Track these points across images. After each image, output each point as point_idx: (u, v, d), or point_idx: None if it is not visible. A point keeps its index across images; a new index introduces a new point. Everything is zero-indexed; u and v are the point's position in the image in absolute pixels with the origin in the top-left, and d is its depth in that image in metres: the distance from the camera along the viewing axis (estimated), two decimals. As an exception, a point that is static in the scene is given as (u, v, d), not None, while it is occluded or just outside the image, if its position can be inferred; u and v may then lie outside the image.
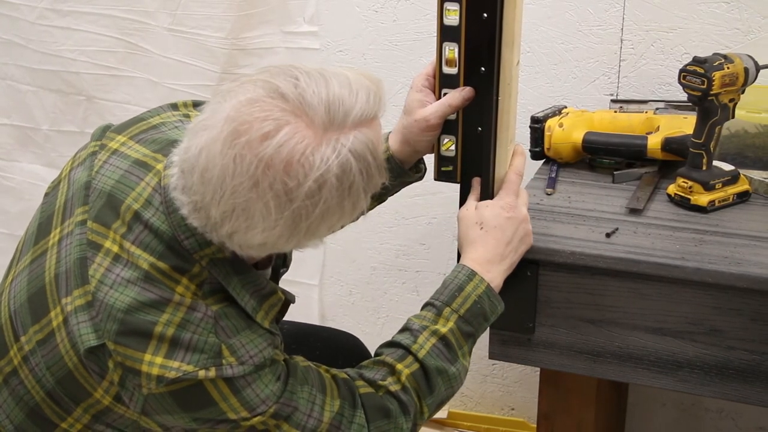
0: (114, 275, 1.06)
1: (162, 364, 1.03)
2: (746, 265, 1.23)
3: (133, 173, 1.11)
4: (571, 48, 1.85)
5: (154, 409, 1.06)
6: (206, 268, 1.07)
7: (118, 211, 1.08)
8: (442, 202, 2.05)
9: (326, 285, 2.24)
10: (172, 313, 1.04)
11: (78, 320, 1.06)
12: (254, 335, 1.08)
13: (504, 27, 1.22)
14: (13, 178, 2.39)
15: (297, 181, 0.97)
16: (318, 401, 1.12)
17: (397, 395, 1.18)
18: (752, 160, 1.51)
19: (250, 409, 1.06)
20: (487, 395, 2.22)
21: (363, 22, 1.98)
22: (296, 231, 1.00)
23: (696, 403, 1.99)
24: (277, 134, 0.97)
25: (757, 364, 1.26)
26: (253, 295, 1.10)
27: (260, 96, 0.99)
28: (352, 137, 1.00)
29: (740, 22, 1.71)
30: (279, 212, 0.98)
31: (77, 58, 2.20)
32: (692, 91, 1.34)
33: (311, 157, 0.97)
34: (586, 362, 1.34)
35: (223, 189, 0.98)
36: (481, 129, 1.28)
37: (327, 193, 0.99)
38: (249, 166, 0.96)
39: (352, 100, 1.01)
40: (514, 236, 1.26)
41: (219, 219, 1.00)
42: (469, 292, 1.23)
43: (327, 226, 1.03)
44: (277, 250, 1.05)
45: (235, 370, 1.05)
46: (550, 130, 1.59)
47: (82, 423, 1.11)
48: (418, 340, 1.21)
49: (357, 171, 1.00)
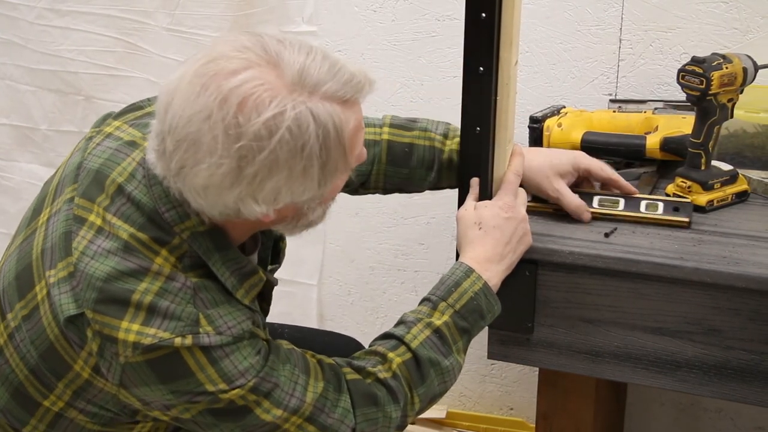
0: (95, 246, 1.06)
1: (138, 331, 1.03)
2: (745, 265, 1.23)
3: (121, 151, 1.13)
4: (570, 48, 1.85)
5: (131, 380, 1.06)
6: (186, 241, 1.07)
7: (104, 185, 1.10)
8: (441, 201, 2.05)
9: (325, 285, 2.24)
10: (151, 282, 1.05)
11: (60, 291, 1.07)
12: (233, 309, 1.09)
13: (502, 27, 1.22)
14: (12, 177, 2.39)
15: (248, 119, 0.97)
16: (301, 381, 1.12)
17: (386, 382, 1.18)
18: (751, 160, 1.51)
19: (229, 381, 1.06)
20: (485, 395, 2.22)
21: (362, 22, 1.98)
22: (240, 177, 0.99)
23: (695, 403, 2.00)
24: (243, 72, 0.98)
25: (755, 363, 1.26)
26: (233, 273, 1.10)
27: (242, 41, 1.01)
28: (318, 103, 1.00)
29: (739, 22, 1.72)
30: (225, 149, 0.98)
31: (76, 57, 2.20)
32: (691, 91, 1.34)
33: (268, 100, 0.97)
34: (584, 362, 1.34)
35: (181, 116, 0.99)
36: (479, 129, 1.28)
37: (276, 144, 0.98)
38: (209, 98, 0.97)
39: (329, 75, 1.01)
40: (512, 236, 1.26)
41: (172, 150, 1.00)
42: (465, 288, 1.23)
43: (273, 186, 1.01)
44: (223, 199, 1.02)
45: (212, 339, 1.05)
46: (549, 130, 1.59)
47: (64, 400, 1.12)
48: (412, 331, 1.21)
49: (314, 135, 0.99)
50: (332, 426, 1.14)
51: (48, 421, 1.14)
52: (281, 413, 1.10)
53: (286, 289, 2.24)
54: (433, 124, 1.42)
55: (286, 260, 2.21)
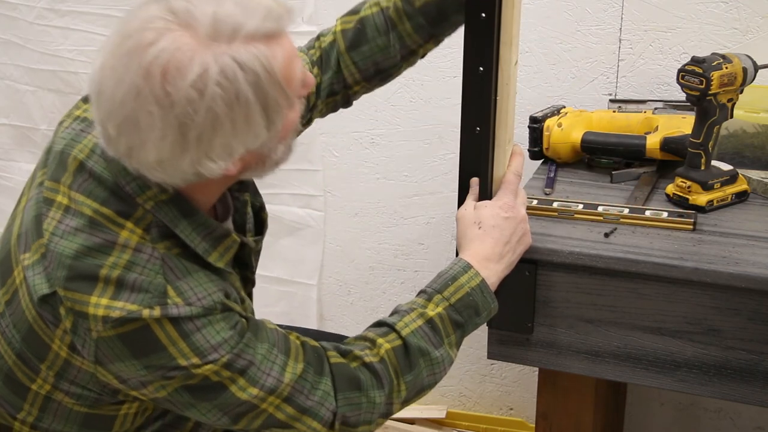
0: (64, 226, 1.08)
1: (107, 305, 1.04)
2: (744, 265, 1.23)
3: (84, 130, 1.14)
4: (570, 48, 1.85)
5: (105, 355, 1.06)
6: (150, 211, 1.08)
7: (66, 164, 1.11)
8: (441, 202, 2.05)
9: (325, 285, 2.24)
10: (118, 256, 1.05)
11: (34, 272, 1.08)
12: (204, 279, 1.09)
13: (502, 27, 1.22)
14: (11, 178, 2.39)
15: (175, 86, 0.97)
16: (278, 361, 1.12)
17: (371, 367, 1.18)
18: (750, 160, 1.51)
19: (201, 355, 1.06)
20: (485, 395, 2.22)
21: (361, 22, 1.98)
22: (187, 143, 0.99)
23: (694, 403, 2.00)
24: (158, 42, 0.97)
25: (755, 363, 1.26)
26: (204, 238, 1.10)
27: (150, 11, 1.00)
28: (241, 49, 0.99)
29: (738, 22, 1.72)
30: (163, 121, 0.98)
31: (75, 57, 2.20)
32: (691, 91, 1.34)
33: (188, 63, 0.97)
34: (584, 362, 1.34)
35: (113, 100, 0.99)
36: (479, 129, 1.27)
37: (210, 101, 0.97)
38: (133, 75, 0.97)
39: (244, 17, 1.00)
40: (512, 236, 1.26)
41: (115, 135, 1.00)
42: (462, 283, 1.22)
43: (222, 142, 1.01)
44: (179, 168, 1.02)
45: (182, 310, 1.05)
46: (549, 130, 1.59)
47: (49, 383, 1.13)
48: (404, 320, 1.21)
49: (244, 81, 0.99)
50: (311, 408, 1.13)
51: (39, 405, 1.15)
52: (257, 392, 1.10)
53: (286, 289, 2.24)
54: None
55: (286, 260, 2.22)
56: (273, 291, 2.23)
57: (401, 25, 1.33)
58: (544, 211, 1.40)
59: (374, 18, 1.34)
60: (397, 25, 1.33)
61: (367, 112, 2.03)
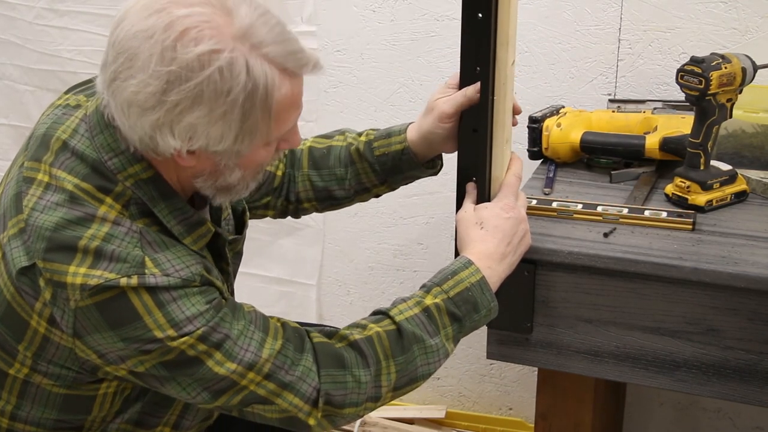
0: (44, 201, 1.09)
1: (85, 273, 1.05)
2: (743, 265, 1.23)
3: (66, 113, 1.16)
4: (569, 48, 1.85)
5: (83, 327, 1.07)
6: (130, 188, 1.10)
7: (49, 144, 1.13)
8: (440, 202, 2.05)
9: (324, 285, 2.24)
10: (97, 228, 1.07)
11: (11, 247, 1.10)
12: (183, 252, 1.10)
13: (498, 27, 1.22)
14: (10, 177, 2.39)
15: (185, 47, 1.00)
16: (256, 337, 1.12)
17: (356, 344, 1.17)
18: (750, 160, 1.51)
19: (176, 326, 1.06)
20: (484, 395, 2.22)
21: (361, 22, 1.98)
22: (162, 101, 1.01)
23: (693, 403, 2.00)
24: (196, 6, 1.02)
25: (754, 363, 1.26)
26: (180, 222, 1.13)
27: None
28: (257, 60, 1.03)
29: (738, 22, 1.72)
30: (156, 70, 1.00)
31: (74, 57, 2.20)
32: (690, 91, 1.34)
33: (208, 37, 1.00)
34: (583, 362, 1.34)
35: (128, 31, 1.02)
36: (476, 129, 1.27)
37: (204, 78, 1.00)
38: (157, 20, 1.01)
39: (276, 40, 1.04)
40: (513, 236, 1.26)
41: (111, 59, 1.04)
42: (462, 278, 1.22)
43: (191, 122, 1.03)
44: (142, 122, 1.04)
45: (159, 280, 1.06)
46: (548, 130, 1.59)
47: (27, 366, 1.13)
48: (399, 307, 1.21)
49: (242, 84, 1.02)
50: (292, 383, 1.13)
51: (17, 392, 1.16)
52: (235, 367, 1.10)
53: (285, 289, 2.24)
54: (354, 130, 1.47)
55: (285, 260, 2.22)
56: (272, 291, 2.23)
57: (360, 164, 1.43)
58: (543, 211, 1.40)
59: (340, 150, 1.44)
60: (356, 163, 1.43)
61: (366, 112, 2.03)
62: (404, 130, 1.41)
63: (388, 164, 1.41)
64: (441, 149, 1.38)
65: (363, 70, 2.02)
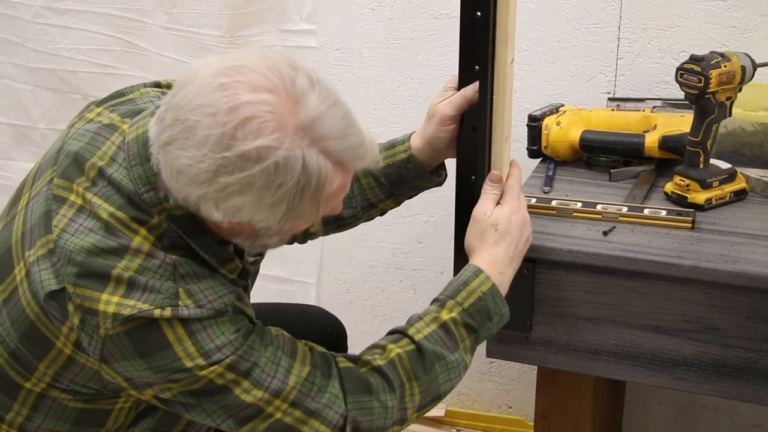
0: (77, 225, 1.08)
1: (118, 302, 1.04)
2: (743, 263, 1.23)
3: (101, 134, 1.14)
4: (568, 46, 1.85)
5: (111, 354, 1.06)
6: (165, 221, 1.09)
7: (83, 168, 1.11)
8: (440, 200, 2.04)
9: (324, 283, 2.24)
10: (130, 260, 1.06)
11: (40, 268, 1.08)
12: (215, 282, 1.10)
13: (497, 25, 1.22)
14: (9, 176, 2.39)
15: (245, 136, 0.99)
16: (283, 364, 1.11)
17: (380, 370, 1.17)
18: (749, 158, 1.51)
19: (206, 355, 1.06)
20: (484, 393, 2.22)
21: (360, 21, 1.98)
22: (212, 180, 1.01)
23: (693, 401, 2.00)
24: (263, 93, 1.00)
25: (753, 362, 1.26)
26: (211, 258, 1.12)
27: (279, 64, 1.03)
28: (315, 155, 1.02)
29: (737, 20, 1.71)
30: (213, 151, 0.99)
31: (74, 56, 2.20)
32: (689, 89, 1.34)
33: (271, 130, 0.99)
34: (583, 360, 1.34)
35: (191, 101, 1.01)
36: (475, 127, 1.27)
37: (258, 170, 1.00)
38: (222, 98, 0.99)
39: (339, 134, 1.03)
40: (520, 240, 1.25)
41: (169, 123, 1.03)
42: (474, 287, 1.21)
43: (238, 203, 1.02)
44: (189, 190, 1.04)
45: (192, 312, 1.06)
46: (548, 129, 1.59)
47: (45, 382, 1.12)
48: (416, 325, 1.20)
49: (295, 180, 1.01)
50: (318, 410, 1.12)
51: (30, 404, 1.15)
52: (262, 394, 1.09)
53: (285, 288, 2.24)
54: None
55: (285, 258, 2.22)
56: (272, 290, 2.23)
57: (364, 179, 1.42)
58: (542, 210, 1.40)
59: None
60: (361, 178, 1.42)
61: (366, 110, 2.03)
62: (407, 139, 1.40)
63: (394, 175, 1.40)
64: (446, 154, 1.37)
65: (362, 69, 2.02)
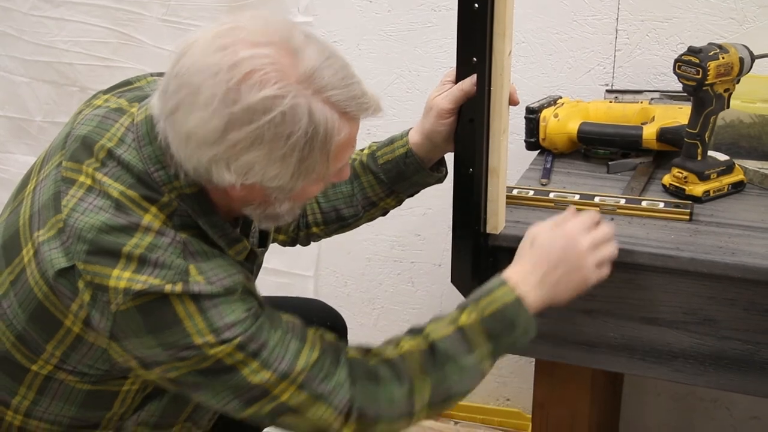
0: (86, 204, 1.09)
1: (129, 278, 1.05)
2: (740, 255, 1.23)
3: (109, 117, 1.15)
4: (566, 38, 1.84)
5: (122, 330, 1.07)
6: (175, 199, 1.10)
7: (92, 150, 1.12)
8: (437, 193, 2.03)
9: (321, 276, 2.24)
10: (141, 238, 1.07)
11: (50, 247, 1.09)
12: (224, 262, 1.10)
13: (495, 17, 1.22)
14: (7, 170, 2.39)
15: (249, 90, 1.00)
16: (292, 347, 1.11)
17: (390, 362, 1.16)
18: (747, 150, 1.51)
19: (216, 333, 1.06)
20: (482, 386, 2.20)
21: (357, 13, 1.98)
22: (222, 139, 1.02)
23: (690, 393, 2.00)
24: (263, 47, 1.02)
25: (751, 353, 1.26)
26: (220, 238, 1.13)
27: (273, 22, 1.05)
28: (319, 103, 1.03)
29: (735, 12, 1.71)
30: (219, 108, 1.00)
31: (70, 48, 2.19)
32: (687, 81, 1.34)
33: (273, 81, 1.01)
34: (580, 352, 1.35)
35: (192, 64, 1.02)
36: (473, 119, 1.27)
37: (265, 122, 1.00)
38: (223, 57, 1.01)
39: (340, 84, 1.04)
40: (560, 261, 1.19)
41: (173, 90, 1.03)
42: (496, 297, 1.18)
43: (249, 160, 1.03)
44: (199, 154, 1.04)
45: (203, 288, 1.06)
46: (545, 121, 1.59)
47: (52, 364, 1.13)
48: (434, 326, 1.19)
49: (303, 128, 1.02)
50: (325, 395, 1.12)
51: (37, 387, 1.15)
52: (269, 376, 1.09)
53: (283, 281, 2.24)
54: None
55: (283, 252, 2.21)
56: (270, 282, 2.23)
57: (364, 176, 1.42)
58: (540, 202, 1.40)
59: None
60: (361, 176, 1.42)
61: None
62: (406, 134, 1.40)
63: (393, 171, 1.40)
64: (445, 148, 1.36)
65: (360, 61, 2.01)
